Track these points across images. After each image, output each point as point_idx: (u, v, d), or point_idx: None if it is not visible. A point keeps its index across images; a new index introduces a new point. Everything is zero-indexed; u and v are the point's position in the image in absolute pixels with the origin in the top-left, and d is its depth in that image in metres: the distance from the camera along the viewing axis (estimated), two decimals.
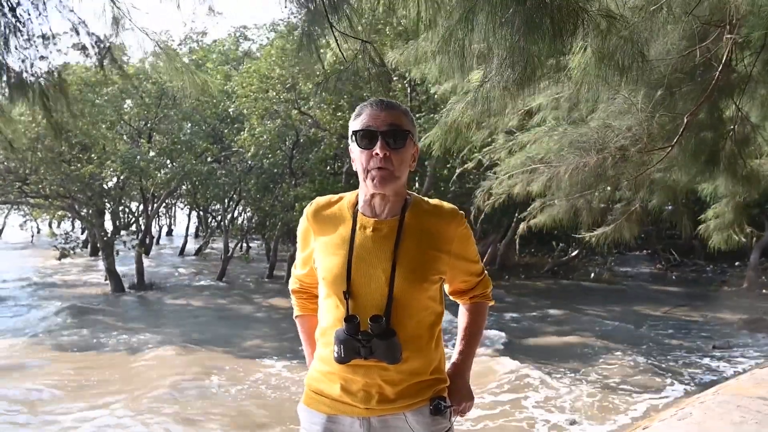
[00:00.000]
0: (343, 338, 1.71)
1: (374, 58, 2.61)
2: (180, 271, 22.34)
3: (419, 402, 1.79)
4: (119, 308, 15.86)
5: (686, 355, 11.21)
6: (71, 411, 8.21)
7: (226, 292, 18.37)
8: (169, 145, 19.26)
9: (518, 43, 2.16)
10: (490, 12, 2.04)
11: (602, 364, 10.47)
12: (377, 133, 1.70)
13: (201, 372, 10.00)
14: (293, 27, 18.28)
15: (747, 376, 6.81)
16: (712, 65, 4.38)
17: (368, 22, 10.63)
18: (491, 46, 2.32)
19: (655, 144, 4.65)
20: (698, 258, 21.95)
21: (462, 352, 1.98)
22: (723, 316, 14.57)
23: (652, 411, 8.19)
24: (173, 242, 33.69)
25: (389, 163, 1.70)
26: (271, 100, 16.92)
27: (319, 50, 2.52)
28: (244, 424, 7.82)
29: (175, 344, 11.73)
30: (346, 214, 1.82)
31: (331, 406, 1.82)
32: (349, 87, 16.17)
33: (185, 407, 8.31)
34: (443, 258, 1.80)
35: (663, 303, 16.20)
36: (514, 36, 2.09)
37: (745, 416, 4.10)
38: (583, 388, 9.20)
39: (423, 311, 1.79)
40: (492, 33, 2.09)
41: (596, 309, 15.61)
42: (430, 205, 1.84)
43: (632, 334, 12.82)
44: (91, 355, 11.22)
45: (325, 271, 1.80)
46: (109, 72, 7.30)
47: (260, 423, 7.87)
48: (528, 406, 8.56)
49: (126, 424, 7.70)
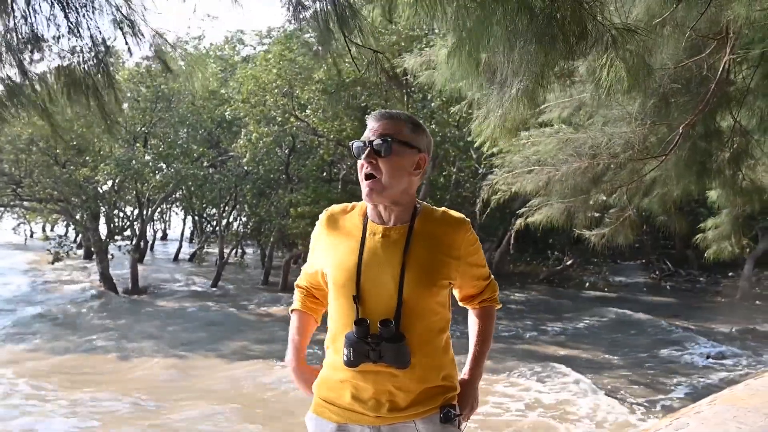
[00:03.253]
0: (353, 341, 1.72)
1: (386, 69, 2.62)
2: (175, 277, 22.26)
3: (429, 410, 1.78)
4: (112, 312, 15.79)
5: (680, 365, 11.24)
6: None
7: (220, 298, 18.31)
8: (165, 149, 19.20)
9: (531, 54, 2.19)
10: (504, 23, 2.05)
11: (596, 374, 10.48)
12: (367, 143, 1.74)
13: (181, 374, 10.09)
14: (290, 34, 18.34)
15: (742, 386, 6.79)
16: (708, 77, 4.41)
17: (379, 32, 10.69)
18: (505, 56, 2.34)
19: (649, 153, 4.68)
20: (692, 268, 22.02)
21: (475, 359, 1.98)
22: (716, 326, 14.62)
23: (647, 421, 8.20)
24: (168, 247, 33.55)
25: (377, 171, 1.73)
26: (269, 106, 16.92)
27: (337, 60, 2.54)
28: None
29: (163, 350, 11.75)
30: (357, 222, 1.84)
31: (340, 415, 1.81)
32: (346, 96, 16.22)
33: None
34: (452, 263, 1.81)
35: (657, 312, 16.23)
36: (527, 46, 2.11)
37: (741, 427, 4.10)
38: (578, 398, 9.21)
39: (432, 316, 1.80)
40: (507, 43, 2.10)
41: (591, 318, 15.63)
42: (438, 213, 1.86)
43: (626, 343, 12.84)
44: (81, 358, 11.24)
45: (335, 275, 1.80)
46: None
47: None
48: (524, 415, 8.57)
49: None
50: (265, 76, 16.74)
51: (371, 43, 2.46)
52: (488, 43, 2.19)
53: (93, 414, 8.42)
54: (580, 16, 2.14)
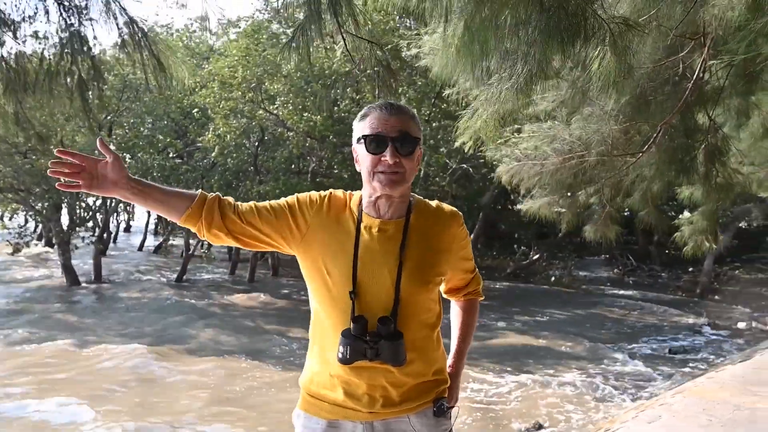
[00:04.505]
0: (351, 339, 1.69)
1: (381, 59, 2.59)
2: (139, 269, 21.86)
3: (423, 404, 1.79)
4: (73, 304, 15.45)
5: (642, 358, 11.48)
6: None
7: (185, 290, 18.06)
8: (131, 139, 18.79)
9: (535, 44, 2.19)
10: (511, 13, 2.06)
11: (560, 367, 10.65)
12: (387, 139, 1.68)
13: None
14: (258, 25, 18.07)
15: (704, 379, 6.98)
16: (686, 76, 4.49)
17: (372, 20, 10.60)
18: (510, 45, 2.34)
19: (629, 150, 4.76)
20: (654, 263, 22.53)
21: (459, 351, 2.01)
22: (677, 320, 14.99)
23: (611, 413, 8.36)
24: (131, 239, 32.95)
25: (399, 167, 1.70)
26: (236, 100, 16.69)
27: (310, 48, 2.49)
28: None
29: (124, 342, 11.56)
30: (351, 213, 1.80)
31: (331, 411, 1.79)
32: (318, 87, 16.09)
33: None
34: (445, 258, 1.82)
35: (620, 306, 16.58)
36: (531, 36, 2.11)
37: (712, 419, 4.21)
38: (543, 391, 9.34)
39: (426, 312, 1.80)
40: (514, 32, 2.11)
41: (556, 312, 15.87)
42: (432, 206, 1.85)
43: (590, 336, 13.06)
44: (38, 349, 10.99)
45: (329, 268, 1.76)
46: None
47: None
48: (491, 409, 8.64)
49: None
50: (230, 73, 16.49)
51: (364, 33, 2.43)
52: (496, 32, 2.18)
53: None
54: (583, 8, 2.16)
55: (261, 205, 1.80)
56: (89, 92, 4.71)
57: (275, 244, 1.79)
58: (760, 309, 15.98)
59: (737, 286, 19.23)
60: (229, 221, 1.75)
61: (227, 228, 1.75)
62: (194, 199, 1.75)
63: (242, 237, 1.77)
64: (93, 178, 1.67)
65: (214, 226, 1.74)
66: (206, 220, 1.73)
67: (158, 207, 1.74)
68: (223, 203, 1.78)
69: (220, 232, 1.75)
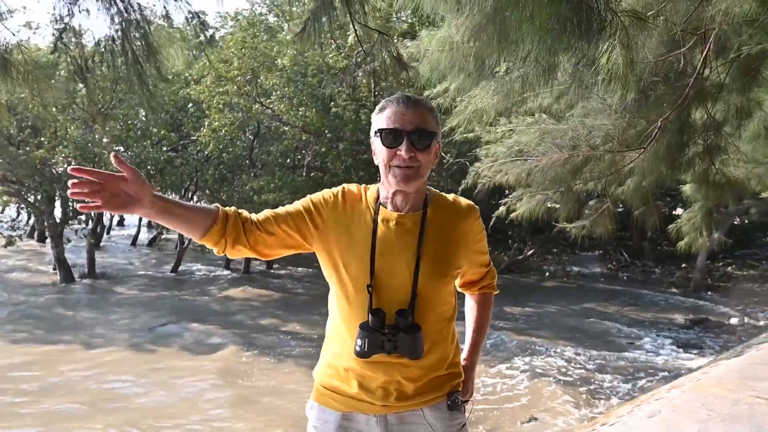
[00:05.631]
0: (368, 331, 1.68)
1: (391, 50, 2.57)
2: (133, 262, 21.78)
3: (437, 397, 1.79)
4: (67, 298, 15.37)
5: (635, 354, 11.53)
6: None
7: (179, 283, 18.00)
8: (124, 132, 18.66)
9: (550, 37, 2.18)
10: (533, 6, 2.05)
11: (556, 360, 10.69)
12: (403, 133, 1.66)
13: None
14: (253, 20, 17.96)
15: (701, 374, 7.01)
16: (686, 71, 4.49)
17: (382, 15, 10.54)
18: (523, 38, 2.33)
19: (628, 145, 4.75)
20: (647, 259, 22.62)
21: (474, 344, 2.01)
22: (671, 316, 15.06)
23: (606, 405, 8.40)
24: (125, 232, 32.79)
25: (415, 162, 1.68)
26: (231, 94, 16.60)
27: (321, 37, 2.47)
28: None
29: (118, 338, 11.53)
30: (368, 207, 1.79)
31: (345, 404, 1.79)
32: (314, 82, 16.01)
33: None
34: (462, 252, 1.81)
35: (614, 302, 16.65)
36: (546, 29, 2.10)
37: (711, 414, 4.23)
38: (537, 384, 9.38)
39: (443, 305, 1.79)
40: (531, 24, 2.10)
41: (550, 307, 15.92)
42: (448, 200, 1.85)
43: (584, 332, 13.12)
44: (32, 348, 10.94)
45: (347, 262, 1.74)
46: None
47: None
48: (484, 402, 8.67)
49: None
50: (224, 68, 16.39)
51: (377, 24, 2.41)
52: (515, 25, 2.17)
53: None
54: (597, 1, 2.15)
55: (277, 212, 1.77)
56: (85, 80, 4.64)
57: (297, 244, 1.76)
58: (752, 305, 16.09)
59: (730, 282, 19.35)
60: (252, 237, 1.71)
61: (250, 243, 1.71)
62: (216, 217, 1.67)
63: (264, 250, 1.74)
64: (115, 197, 1.49)
65: (239, 242, 1.70)
66: (230, 236, 1.68)
67: (180, 224, 1.64)
68: (245, 218, 1.74)
69: (244, 248, 1.71)
